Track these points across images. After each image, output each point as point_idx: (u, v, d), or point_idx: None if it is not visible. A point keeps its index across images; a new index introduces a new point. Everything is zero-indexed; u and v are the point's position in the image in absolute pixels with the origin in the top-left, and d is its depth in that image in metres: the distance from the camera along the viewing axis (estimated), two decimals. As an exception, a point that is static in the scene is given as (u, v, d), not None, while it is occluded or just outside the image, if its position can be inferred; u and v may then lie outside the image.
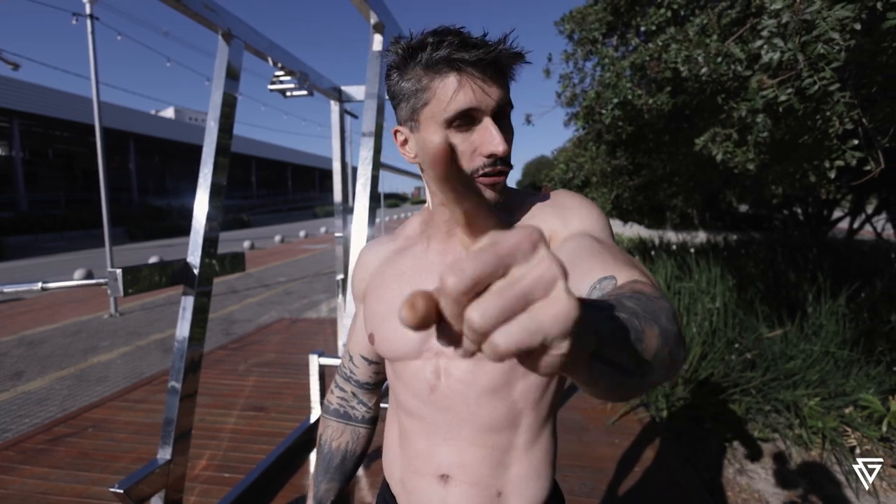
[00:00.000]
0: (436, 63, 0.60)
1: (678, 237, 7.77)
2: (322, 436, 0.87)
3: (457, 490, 0.69)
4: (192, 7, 1.46)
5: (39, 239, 18.23)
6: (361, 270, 0.81)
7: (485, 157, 0.61)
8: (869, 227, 7.82)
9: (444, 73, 0.60)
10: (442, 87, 0.60)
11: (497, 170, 0.61)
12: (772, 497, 2.16)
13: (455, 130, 0.61)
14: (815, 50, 1.39)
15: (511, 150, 0.64)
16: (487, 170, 0.61)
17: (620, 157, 4.03)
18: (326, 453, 0.86)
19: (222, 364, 3.86)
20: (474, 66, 0.59)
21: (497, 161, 0.61)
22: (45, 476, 2.27)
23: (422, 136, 0.64)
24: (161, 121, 29.94)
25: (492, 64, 0.60)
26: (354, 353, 0.85)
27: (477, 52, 0.58)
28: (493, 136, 0.59)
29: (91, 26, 5.77)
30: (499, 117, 0.62)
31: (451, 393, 0.69)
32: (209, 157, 1.59)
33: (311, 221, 28.91)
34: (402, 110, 0.66)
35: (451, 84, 0.59)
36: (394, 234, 0.80)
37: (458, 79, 0.59)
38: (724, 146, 2.05)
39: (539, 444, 0.70)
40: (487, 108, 0.60)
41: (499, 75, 0.61)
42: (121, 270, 1.32)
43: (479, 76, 0.59)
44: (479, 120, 0.61)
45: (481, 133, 0.61)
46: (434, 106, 0.61)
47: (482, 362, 0.68)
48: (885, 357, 2.94)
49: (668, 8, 2.41)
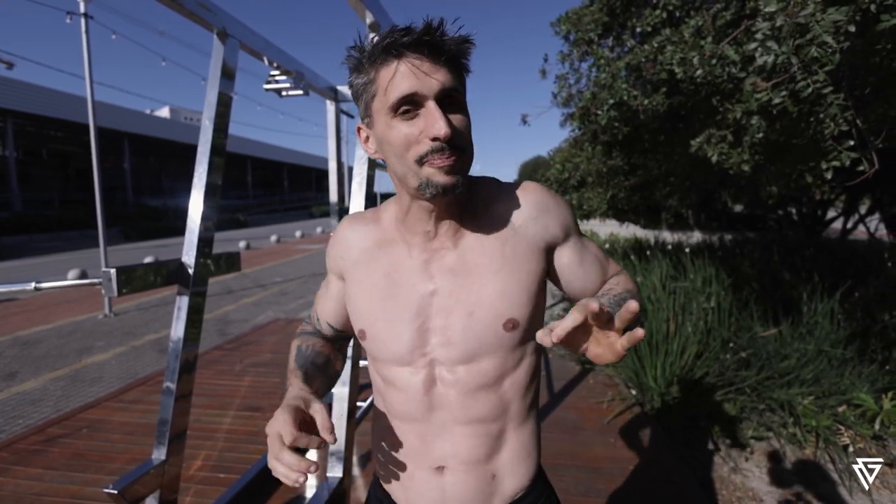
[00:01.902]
0: (379, 53, 0.61)
1: (674, 237, 7.80)
2: (301, 346, 0.82)
3: (453, 478, 0.72)
4: (187, 6, 1.46)
5: (34, 239, 18.11)
6: (342, 247, 0.79)
7: (430, 141, 0.60)
8: (862, 228, 7.87)
9: (387, 62, 0.60)
10: (385, 76, 0.61)
11: (445, 154, 0.61)
12: (766, 495, 2.17)
13: (401, 119, 0.61)
14: (808, 53, 1.40)
15: (467, 137, 0.63)
16: (435, 155, 0.60)
17: (616, 157, 4.04)
18: (309, 353, 0.80)
19: (218, 364, 3.84)
20: (413, 50, 0.59)
21: (444, 146, 0.60)
22: (39, 477, 2.26)
23: (375, 130, 0.66)
24: (156, 120, 29.83)
25: (433, 47, 0.59)
26: (323, 319, 0.85)
27: (415, 35, 0.59)
28: (435, 118, 0.59)
29: (85, 25, 5.74)
30: (447, 103, 0.61)
31: (445, 394, 0.70)
32: (204, 156, 1.59)
33: (307, 221, 28.86)
34: (360, 108, 0.67)
35: (392, 70, 0.60)
36: (376, 213, 0.79)
37: (398, 65, 0.60)
38: (719, 147, 2.06)
39: (527, 426, 0.75)
40: (430, 92, 0.59)
41: (443, 60, 0.60)
42: (115, 270, 1.31)
43: (420, 60, 0.59)
44: (423, 105, 0.60)
45: (425, 117, 0.60)
46: (380, 96, 0.62)
47: (477, 364, 0.69)
48: (879, 356, 2.97)
49: (663, 9, 2.42)
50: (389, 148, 0.64)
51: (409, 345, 0.70)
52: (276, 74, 2.24)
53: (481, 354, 0.69)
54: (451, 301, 0.69)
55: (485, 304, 0.68)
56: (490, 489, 0.73)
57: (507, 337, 0.68)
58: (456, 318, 0.68)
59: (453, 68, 0.62)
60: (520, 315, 0.68)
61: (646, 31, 2.52)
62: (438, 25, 0.59)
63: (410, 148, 0.61)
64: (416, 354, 0.70)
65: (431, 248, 0.71)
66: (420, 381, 0.70)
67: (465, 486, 0.72)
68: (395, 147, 0.62)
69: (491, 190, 0.74)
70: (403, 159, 0.62)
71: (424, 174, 0.62)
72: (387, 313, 0.71)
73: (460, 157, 0.62)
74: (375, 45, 0.61)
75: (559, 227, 0.73)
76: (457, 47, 0.61)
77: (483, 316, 0.68)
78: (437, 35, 0.59)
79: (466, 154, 0.63)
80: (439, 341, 0.69)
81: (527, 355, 0.72)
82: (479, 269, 0.69)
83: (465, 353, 0.69)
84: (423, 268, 0.71)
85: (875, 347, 3.05)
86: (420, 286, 0.70)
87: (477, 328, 0.68)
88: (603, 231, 10.43)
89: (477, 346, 0.68)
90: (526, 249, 0.71)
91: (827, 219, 7.96)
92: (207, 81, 1.64)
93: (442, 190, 0.62)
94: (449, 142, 0.60)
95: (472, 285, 0.69)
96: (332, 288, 0.83)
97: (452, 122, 0.61)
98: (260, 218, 32.03)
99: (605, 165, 4.14)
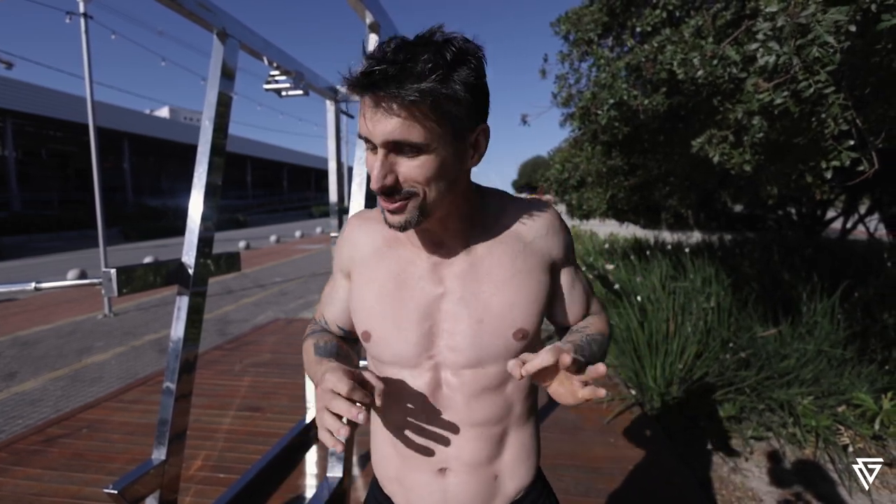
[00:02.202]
0: (350, 88, 0.59)
1: (673, 237, 7.80)
2: (317, 342, 0.80)
3: (456, 480, 0.72)
4: (186, 6, 1.46)
5: (33, 239, 18.09)
6: (350, 247, 0.78)
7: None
8: (862, 228, 7.87)
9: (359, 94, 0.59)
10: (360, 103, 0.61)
11: (388, 200, 0.61)
12: (765, 495, 2.17)
13: (369, 150, 0.62)
14: (810, 53, 1.40)
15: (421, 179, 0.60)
16: (380, 197, 0.62)
17: (616, 157, 4.04)
18: (330, 347, 0.79)
19: (218, 364, 3.84)
20: (372, 91, 0.57)
21: (388, 190, 0.60)
22: (38, 477, 2.26)
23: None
24: (156, 120, 29.81)
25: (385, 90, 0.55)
26: (331, 321, 0.84)
27: (364, 79, 0.56)
28: (373, 169, 0.60)
29: (85, 25, 5.74)
30: (403, 150, 0.59)
31: (451, 396, 0.71)
32: (204, 156, 1.59)
33: (307, 221, 28.84)
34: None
35: (362, 101, 0.60)
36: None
37: (362, 102, 0.60)
38: (720, 148, 2.06)
39: (528, 427, 0.76)
40: (377, 140, 0.59)
41: (395, 108, 0.56)
42: (115, 270, 1.31)
43: (375, 103, 0.57)
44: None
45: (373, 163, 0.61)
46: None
47: (483, 368, 0.69)
48: (878, 356, 2.97)
49: (662, 9, 2.42)
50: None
51: (416, 348, 0.70)
52: (276, 74, 2.24)
53: (488, 361, 0.69)
54: (459, 307, 0.69)
55: (494, 312, 0.68)
56: (492, 490, 0.73)
57: (516, 346, 0.69)
58: (465, 324, 0.69)
59: (418, 108, 0.56)
60: (530, 325, 0.70)
61: (646, 31, 2.52)
62: (403, 61, 0.54)
63: (372, 176, 0.62)
64: (422, 357, 0.70)
65: (441, 253, 0.71)
66: (425, 383, 0.70)
67: (467, 488, 0.72)
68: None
69: (503, 203, 0.75)
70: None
71: (380, 205, 0.64)
72: (394, 315, 0.70)
73: (407, 201, 0.61)
74: (352, 77, 0.58)
75: (563, 249, 0.76)
76: (421, 93, 0.54)
77: (492, 324, 0.68)
78: (392, 81, 0.54)
79: (419, 195, 0.61)
80: (446, 345, 0.69)
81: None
82: (489, 278, 0.69)
83: (472, 358, 0.69)
84: (433, 270, 0.71)
85: (875, 347, 3.05)
86: (429, 289, 0.70)
87: (485, 336, 0.68)
88: (602, 231, 10.43)
89: (484, 353, 0.69)
90: (537, 263, 0.72)
91: (826, 219, 7.96)
92: (207, 81, 1.64)
93: (392, 227, 0.64)
94: (388, 193, 0.60)
95: (482, 293, 0.69)
96: (340, 289, 0.82)
97: (400, 169, 0.59)
98: (260, 218, 32.01)
99: (605, 165, 4.14)
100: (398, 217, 0.62)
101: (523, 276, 0.70)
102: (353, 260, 0.77)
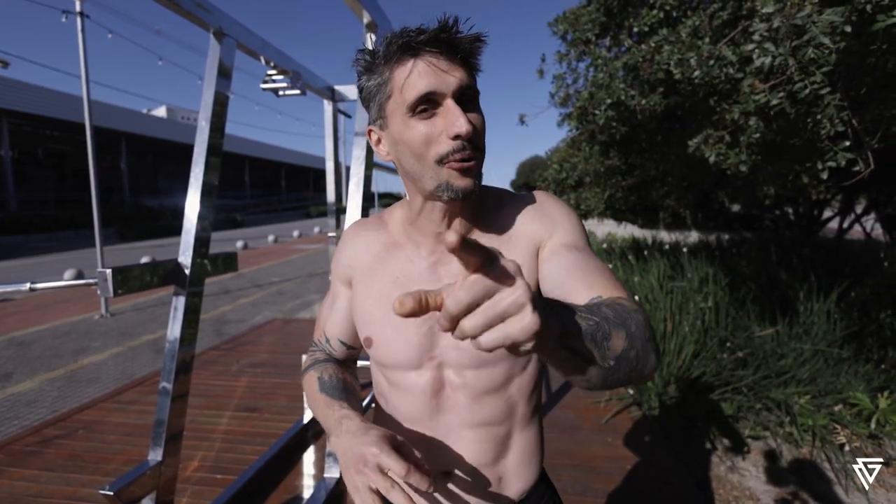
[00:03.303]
0: (395, 53, 0.60)
1: (671, 237, 7.81)
2: (321, 376, 0.77)
3: (460, 482, 0.72)
4: (183, 5, 1.45)
5: (30, 239, 18.02)
6: (349, 256, 0.77)
7: (451, 140, 0.59)
8: (858, 227, 7.90)
9: (403, 62, 0.60)
10: (401, 75, 0.60)
11: (466, 154, 0.60)
12: (762, 494, 2.18)
13: (419, 118, 0.60)
14: (806, 54, 1.40)
15: (484, 137, 0.63)
16: (456, 155, 0.59)
17: (613, 157, 4.05)
18: (337, 382, 0.75)
19: (215, 365, 3.83)
20: (430, 48, 0.59)
21: (465, 145, 0.59)
22: (34, 478, 2.25)
23: (390, 131, 0.64)
24: (153, 120, 29.69)
25: (449, 45, 0.59)
26: (332, 336, 0.81)
27: (432, 33, 0.58)
28: (456, 116, 0.58)
29: (81, 24, 5.71)
30: (463, 101, 0.61)
31: (453, 397, 0.70)
32: (200, 156, 1.58)
33: (304, 221, 28.80)
34: (372, 110, 0.66)
35: (409, 69, 0.59)
36: (381, 219, 0.78)
37: (415, 63, 0.59)
38: (717, 148, 2.06)
39: (531, 428, 0.75)
40: (448, 90, 0.59)
41: (458, 58, 0.60)
42: (110, 270, 1.31)
43: (437, 59, 0.59)
44: (441, 104, 0.60)
45: (444, 116, 0.59)
46: (396, 96, 0.61)
47: (486, 368, 0.69)
48: (874, 355, 2.98)
49: (660, 9, 2.42)
50: (406, 148, 0.62)
51: (418, 349, 0.69)
52: (274, 74, 2.23)
53: (491, 361, 0.68)
54: None
55: None
56: (496, 492, 0.73)
57: None
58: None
59: (468, 66, 0.61)
60: None
61: (643, 31, 2.52)
62: (454, 23, 0.58)
63: (430, 147, 0.60)
64: (424, 358, 0.69)
65: (441, 251, 0.70)
66: (428, 384, 0.70)
67: (471, 490, 0.71)
68: (414, 147, 0.61)
69: (501, 201, 0.73)
70: (423, 160, 0.61)
71: (444, 176, 0.61)
72: (395, 318, 0.70)
73: (479, 160, 0.62)
74: (390, 45, 0.60)
75: (548, 223, 0.69)
76: (471, 45, 0.60)
77: None
78: (453, 33, 0.58)
79: (483, 155, 0.63)
80: (448, 345, 0.69)
81: (533, 359, 0.72)
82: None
83: (475, 358, 0.68)
84: (433, 270, 0.70)
85: (871, 347, 3.06)
86: (427, 288, 0.69)
87: None
88: (600, 231, 10.45)
89: (487, 353, 0.67)
90: (527, 255, 0.69)
91: (823, 218, 7.99)
92: (204, 81, 1.64)
93: (461, 194, 0.61)
94: (469, 140, 0.60)
95: None
96: (340, 300, 0.80)
97: (471, 121, 0.60)
98: (257, 218, 31.94)
99: (603, 165, 4.15)
100: (472, 181, 0.61)
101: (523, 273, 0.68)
102: (353, 268, 0.76)
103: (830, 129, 1.54)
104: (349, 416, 0.65)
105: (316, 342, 0.85)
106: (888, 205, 6.87)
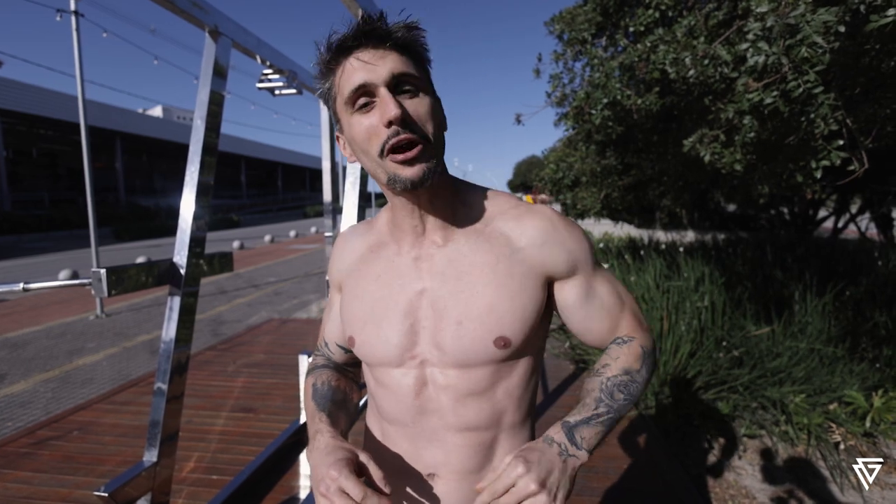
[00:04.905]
0: (333, 56, 0.62)
1: (667, 236, 7.84)
2: (315, 384, 0.79)
3: (444, 486, 0.71)
4: (179, 4, 1.45)
5: (23, 239, 17.92)
6: (339, 261, 0.81)
7: (386, 128, 0.59)
8: (853, 227, 7.95)
9: (339, 62, 0.62)
10: (339, 74, 0.62)
11: (403, 139, 0.59)
12: (758, 492, 2.19)
13: (360, 113, 0.61)
14: (799, 53, 1.41)
15: (430, 123, 0.62)
16: (392, 141, 0.59)
17: (610, 156, 4.06)
18: (326, 391, 0.77)
19: (211, 365, 3.82)
20: (359, 44, 0.60)
21: (399, 130, 0.59)
22: (28, 480, 2.23)
23: (346, 133, 0.66)
24: (148, 119, 29.58)
25: (376, 37, 0.60)
26: (330, 340, 0.84)
27: (356, 29, 0.60)
28: (386, 102, 0.59)
29: (76, 23, 5.68)
30: (402, 90, 0.61)
31: (436, 398, 0.69)
32: (196, 155, 1.58)
33: (301, 221, 28.74)
34: (332, 115, 0.68)
35: (343, 67, 0.61)
36: (370, 223, 0.80)
37: (347, 61, 0.61)
38: (711, 147, 2.07)
39: (521, 436, 0.73)
40: (380, 80, 0.59)
41: (388, 46, 0.61)
42: (105, 270, 1.30)
43: (365, 52, 0.60)
44: (376, 94, 0.60)
45: (379, 105, 0.60)
46: (339, 97, 0.63)
47: (469, 369, 0.68)
48: (869, 354, 3.00)
49: (655, 9, 2.43)
50: (356, 146, 0.64)
51: (399, 347, 0.69)
52: (270, 73, 2.23)
53: (473, 364, 0.67)
54: (440, 305, 0.68)
55: (473, 315, 0.66)
56: None
57: (499, 353, 0.66)
58: (445, 323, 0.67)
59: (404, 54, 0.62)
60: (512, 335, 0.66)
61: (639, 31, 2.53)
62: (379, 17, 0.60)
63: (371, 140, 0.61)
64: (405, 356, 0.69)
65: (421, 245, 0.70)
66: (411, 382, 0.69)
67: (457, 495, 0.71)
68: (360, 142, 0.62)
69: (485, 199, 0.73)
70: (369, 154, 0.62)
71: (390, 168, 0.61)
72: (376, 316, 0.70)
73: (423, 147, 0.61)
74: (329, 50, 0.62)
75: (565, 259, 0.69)
76: (403, 33, 0.61)
77: (472, 328, 0.66)
78: (377, 25, 0.60)
79: (430, 142, 0.62)
80: (430, 343, 0.68)
81: (522, 365, 0.70)
82: (468, 277, 0.67)
83: (456, 359, 0.67)
84: (414, 265, 0.70)
85: (865, 345, 3.08)
86: (409, 285, 0.70)
87: (466, 339, 0.66)
88: (597, 230, 10.46)
89: (466, 356, 0.67)
90: (524, 273, 0.67)
91: (818, 218, 8.03)
92: (199, 80, 1.63)
93: (410, 184, 0.61)
94: (404, 125, 0.59)
95: (461, 293, 0.67)
96: (335, 305, 0.83)
97: (407, 107, 0.60)
98: (254, 218, 31.87)
99: (599, 165, 4.16)
100: (416, 168, 0.60)
101: (506, 281, 0.66)
102: (342, 272, 0.79)
103: (824, 128, 1.55)
104: (322, 430, 0.67)
105: (318, 347, 0.88)
106: (882, 204, 6.91)
